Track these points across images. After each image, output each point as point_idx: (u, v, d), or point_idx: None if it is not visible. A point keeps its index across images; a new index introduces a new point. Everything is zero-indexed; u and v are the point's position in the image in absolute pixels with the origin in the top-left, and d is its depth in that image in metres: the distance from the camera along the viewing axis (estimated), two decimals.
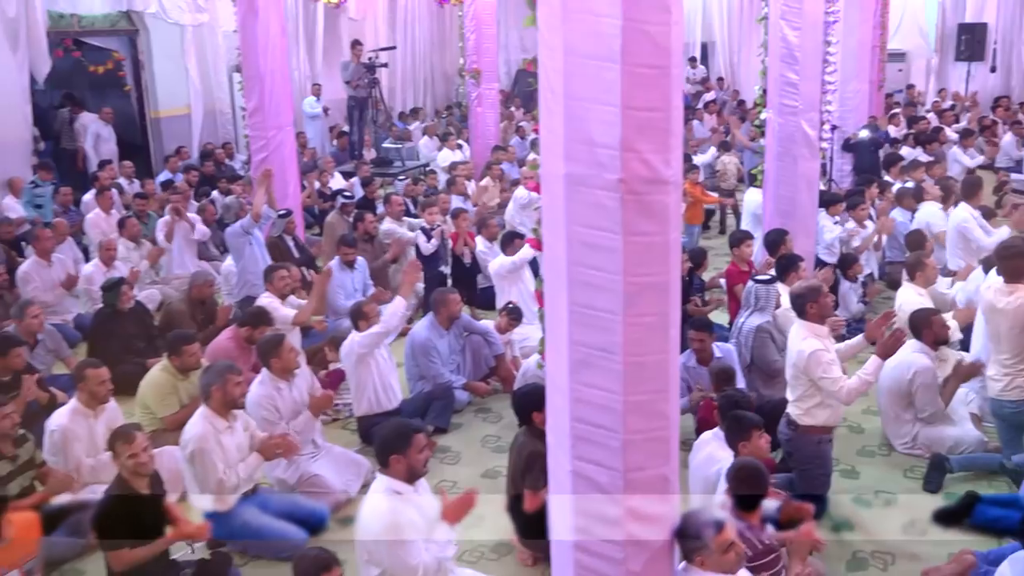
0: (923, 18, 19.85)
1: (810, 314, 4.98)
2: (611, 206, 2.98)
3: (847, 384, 4.82)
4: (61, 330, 7.41)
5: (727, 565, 3.34)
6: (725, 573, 3.35)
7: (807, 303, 4.99)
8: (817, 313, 4.98)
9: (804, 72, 7.46)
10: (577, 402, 3.20)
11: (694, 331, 5.91)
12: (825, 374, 4.82)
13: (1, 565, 3.93)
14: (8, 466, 4.85)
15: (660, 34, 2.85)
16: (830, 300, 5.17)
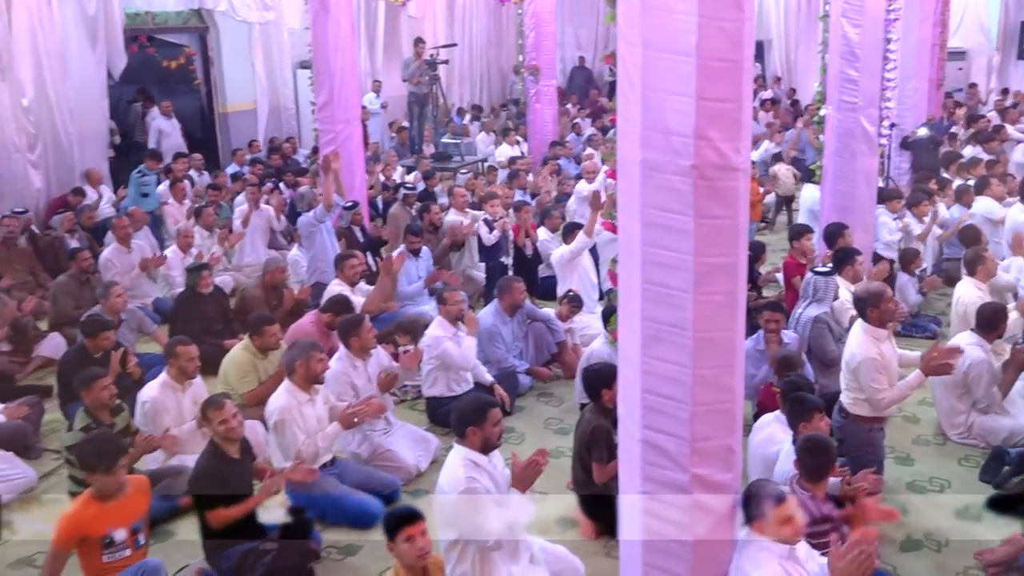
0: (985, 15, 19.60)
1: (871, 318, 5.13)
2: (684, 190, 3.19)
3: (888, 395, 4.99)
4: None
5: (784, 535, 3.53)
6: (784, 542, 3.54)
7: (868, 307, 5.14)
8: (878, 318, 5.12)
9: (864, 69, 7.57)
10: (648, 375, 3.42)
11: (769, 312, 6.05)
12: (872, 382, 4.99)
13: (114, 522, 4.26)
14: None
15: (733, 30, 3.06)
16: (892, 305, 5.28)
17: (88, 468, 4.21)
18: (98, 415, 5.20)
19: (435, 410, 6.41)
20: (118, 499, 4.25)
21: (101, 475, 4.17)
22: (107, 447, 4.28)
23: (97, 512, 4.20)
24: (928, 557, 4.75)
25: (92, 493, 4.24)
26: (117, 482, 4.22)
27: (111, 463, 4.18)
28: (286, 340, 6.54)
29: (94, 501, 4.22)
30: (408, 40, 17.21)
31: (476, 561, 4.22)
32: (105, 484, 4.19)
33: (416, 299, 8.11)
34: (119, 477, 4.23)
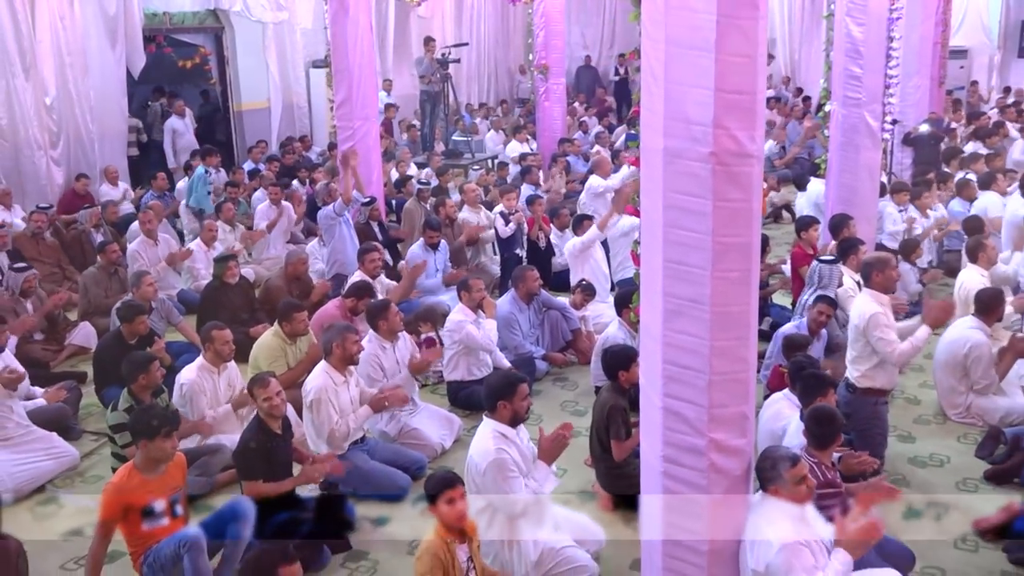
0: (986, 14, 19.85)
1: (875, 282, 5.45)
2: (703, 176, 3.48)
3: (900, 347, 5.28)
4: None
5: (799, 495, 3.81)
6: (797, 503, 3.82)
7: (874, 271, 5.46)
8: (882, 282, 5.44)
9: (868, 66, 7.85)
10: (668, 346, 3.71)
11: (822, 305, 6.24)
12: (882, 336, 5.29)
13: (155, 493, 4.53)
14: None
15: (749, 27, 3.35)
16: (896, 274, 5.60)
17: (143, 434, 4.43)
18: (141, 396, 5.47)
19: (456, 393, 6.70)
20: (159, 472, 4.51)
21: (159, 440, 4.39)
22: (163, 415, 4.56)
23: (140, 483, 4.44)
24: (928, 526, 5.04)
25: (135, 464, 4.47)
26: (168, 450, 4.46)
27: (171, 428, 4.44)
28: (312, 326, 6.84)
29: (137, 472, 4.45)
30: (417, 40, 17.51)
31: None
32: (157, 451, 4.41)
33: (435, 292, 8.38)
34: (171, 444, 4.48)
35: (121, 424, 5.32)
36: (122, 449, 5.33)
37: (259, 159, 13.30)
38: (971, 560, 4.72)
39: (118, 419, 5.36)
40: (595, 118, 17.86)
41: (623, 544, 4.89)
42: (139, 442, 4.51)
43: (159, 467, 4.51)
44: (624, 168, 9.83)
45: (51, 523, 5.37)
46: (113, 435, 5.41)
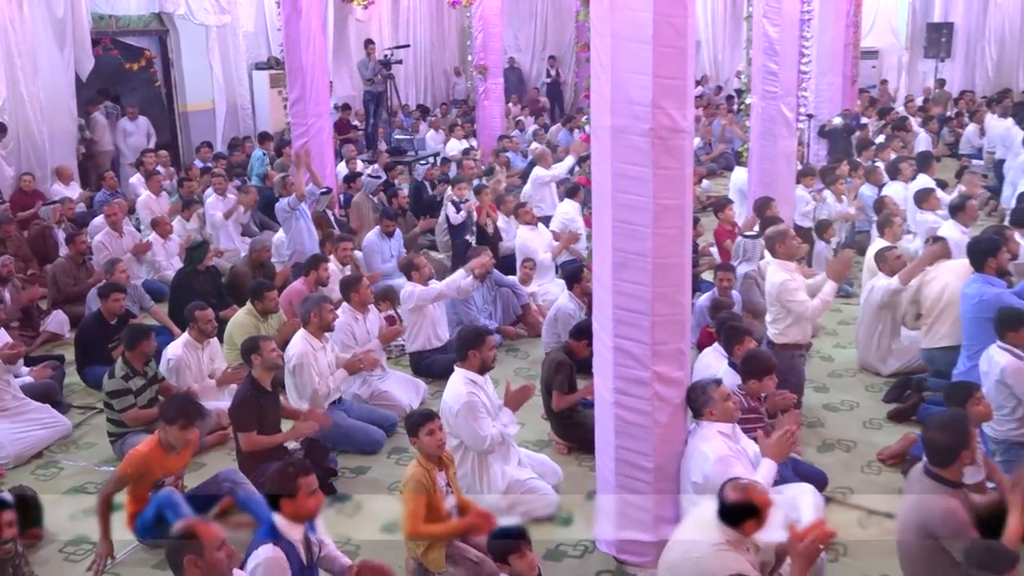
0: (895, 17, 21.14)
1: (779, 252, 6.25)
2: (644, 148, 4.16)
3: (811, 304, 6.07)
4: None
5: (728, 413, 4.50)
6: (727, 421, 4.51)
7: (776, 243, 6.28)
8: (785, 251, 6.24)
9: (783, 62, 8.69)
10: (618, 294, 4.39)
11: (722, 272, 7.06)
12: (792, 298, 6.06)
13: (170, 469, 5.03)
14: (141, 380, 6.00)
15: (680, 23, 4.05)
16: (796, 242, 6.41)
17: (168, 420, 4.88)
18: (135, 364, 5.97)
19: (419, 363, 7.30)
20: (176, 453, 4.98)
21: (178, 429, 4.84)
22: (190, 408, 4.95)
23: (160, 458, 4.91)
24: (839, 456, 5.82)
25: (161, 441, 4.90)
26: (185, 440, 4.91)
27: (187, 422, 4.86)
28: (281, 303, 7.39)
29: (160, 449, 4.90)
30: (356, 43, 18.01)
31: (475, 462, 5.17)
32: (176, 438, 4.86)
33: (390, 277, 8.95)
34: (188, 436, 4.90)
35: (118, 390, 5.83)
36: (119, 414, 5.84)
37: (207, 158, 13.69)
38: (875, 480, 5.52)
39: (116, 386, 5.87)
40: (531, 117, 18.57)
41: (578, 479, 5.57)
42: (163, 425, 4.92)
43: (177, 449, 4.95)
44: (567, 159, 10.56)
45: (53, 483, 5.83)
46: (111, 401, 5.90)
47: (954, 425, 3.98)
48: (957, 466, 3.92)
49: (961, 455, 3.90)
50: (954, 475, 3.92)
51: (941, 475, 3.91)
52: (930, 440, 3.97)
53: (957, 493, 3.91)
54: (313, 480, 3.80)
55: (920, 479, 4.01)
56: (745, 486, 3.69)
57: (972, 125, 15.58)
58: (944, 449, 3.91)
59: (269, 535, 3.72)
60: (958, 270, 6.37)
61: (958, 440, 3.90)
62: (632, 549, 4.62)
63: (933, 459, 3.96)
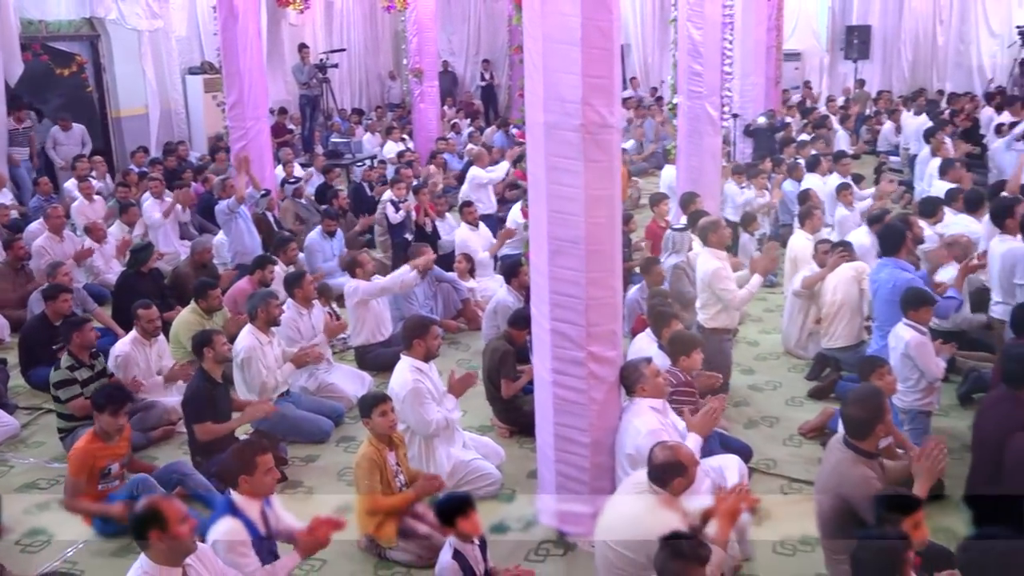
0: (816, 21, 21.91)
1: (711, 241, 6.62)
2: (575, 142, 4.47)
3: (738, 294, 6.45)
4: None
5: (658, 389, 4.82)
6: (657, 396, 4.83)
7: (709, 233, 6.64)
8: (716, 241, 6.61)
9: (707, 64, 9.10)
10: (554, 279, 4.68)
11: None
12: (723, 286, 6.44)
13: (112, 457, 5.24)
14: (88, 372, 6.14)
15: (606, 27, 4.37)
16: (727, 232, 6.80)
17: (98, 408, 5.14)
18: (80, 356, 6.12)
19: (363, 357, 7.51)
20: (114, 441, 5.22)
21: (108, 416, 5.11)
22: (116, 395, 5.25)
23: (100, 448, 5.17)
24: (763, 431, 6.21)
25: (96, 432, 5.17)
26: (117, 426, 5.19)
27: (116, 408, 5.14)
28: (226, 302, 7.54)
29: (98, 439, 5.17)
30: (290, 47, 18.09)
31: (421, 445, 5.42)
32: (109, 424, 5.14)
33: (332, 275, 9.14)
34: (120, 421, 5.20)
35: (64, 380, 6.02)
36: (65, 405, 5.99)
37: (142, 163, 13.67)
38: (797, 452, 5.91)
39: (61, 376, 6.05)
40: (466, 120, 18.84)
41: (520, 460, 5.86)
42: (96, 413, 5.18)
43: (115, 436, 5.22)
44: (503, 163, 10.88)
45: (5, 480, 5.92)
46: (57, 392, 6.04)
47: (870, 400, 4.32)
48: (872, 439, 4.26)
49: (876, 429, 4.25)
50: (870, 446, 4.27)
51: (858, 446, 4.24)
52: (848, 415, 4.31)
53: (872, 463, 4.26)
54: (270, 459, 4.03)
55: (838, 449, 4.34)
56: (672, 446, 4.02)
57: (889, 123, 16.29)
58: (861, 423, 4.23)
59: (228, 510, 3.92)
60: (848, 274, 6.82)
61: (874, 414, 4.23)
62: (572, 519, 4.91)
63: (851, 432, 4.29)
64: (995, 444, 4.59)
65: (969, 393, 6.37)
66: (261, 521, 4.02)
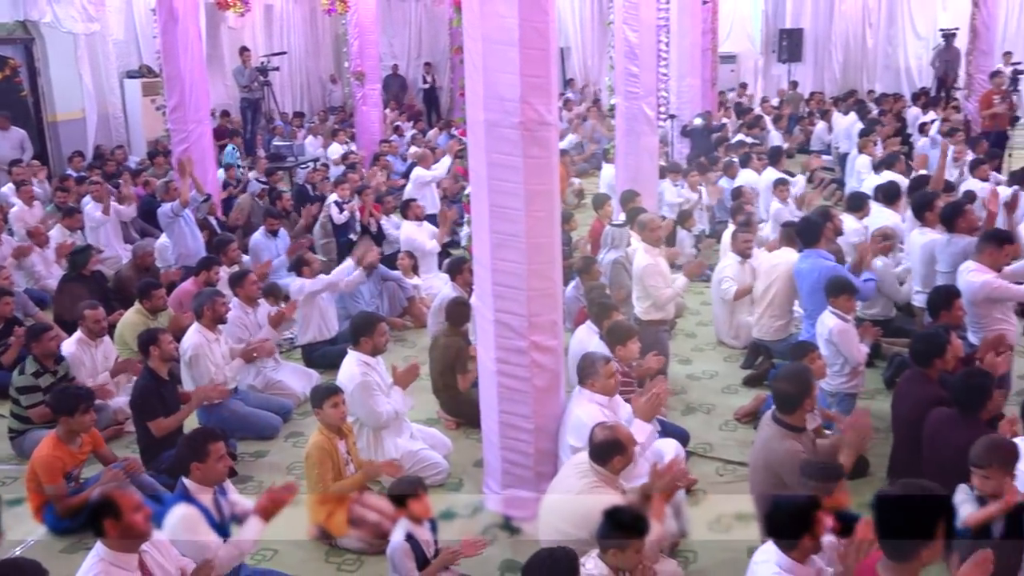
0: (750, 24, 22.45)
1: (647, 238, 6.88)
2: (515, 139, 4.64)
3: (665, 292, 6.74)
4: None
5: (608, 389, 4.98)
6: (605, 395, 5.00)
7: (645, 231, 6.89)
8: (649, 238, 6.85)
9: (643, 65, 9.37)
10: (496, 272, 4.85)
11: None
12: (652, 282, 6.71)
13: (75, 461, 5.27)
14: (51, 379, 6.18)
15: (543, 28, 4.56)
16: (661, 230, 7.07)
17: (66, 411, 5.14)
18: (45, 363, 6.15)
19: (311, 355, 7.60)
20: (77, 444, 5.24)
21: (79, 416, 5.12)
22: (78, 393, 5.26)
23: (65, 453, 5.18)
24: (700, 418, 6.45)
25: (58, 436, 5.17)
26: (87, 422, 5.21)
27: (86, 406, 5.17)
28: (171, 304, 7.57)
29: (61, 444, 5.18)
30: (230, 50, 18.03)
31: (369, 436, 5.55)
32: (78, 424, 5.15)
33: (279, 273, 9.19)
34: (88, 418, 5.21)
35: (27, 387, 6.06)
36: (25, 410, 6.02)
37: (80, 167, 13.55)
38: (731, 436, 6.16)
39: (26, 382, 6.10)
40: (409, 122, 18.94)
41: (466, 450, 6.02)
42: (61, 418, 5.18)
43: (77, 439, 5.24)
44: (445, 160, 11.03)
45: None
46: (19, 396, 6.07)
47: (798, 376, 4.59)
48: (800, 413, 4.52)
49: (804, 403, 4.50)
50: (798, 420, 4.52)
51: (787, 421, 4.50)
52: (778, 390, 4.57)
53: (800, 437, 4.52)
54: (221, 446, 4.13)
55: (768, 425, 4.60)
56: (612, 426, 4.21)
57: (821, 123, 16.80)
58: (790, 397, 4.49)
59: (181, 497, 4.03)
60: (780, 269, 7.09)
61: (801, 389, 4.50)
62: (517, 505, 5.08)
63: (780, 407, 4.55)
64: (913, 421, 4.86)
65: (893, 377, 6.67)
66: (215, 508, 4.12)
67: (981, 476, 3.84)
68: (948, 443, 4.32)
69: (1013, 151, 12.86)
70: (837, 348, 5.73)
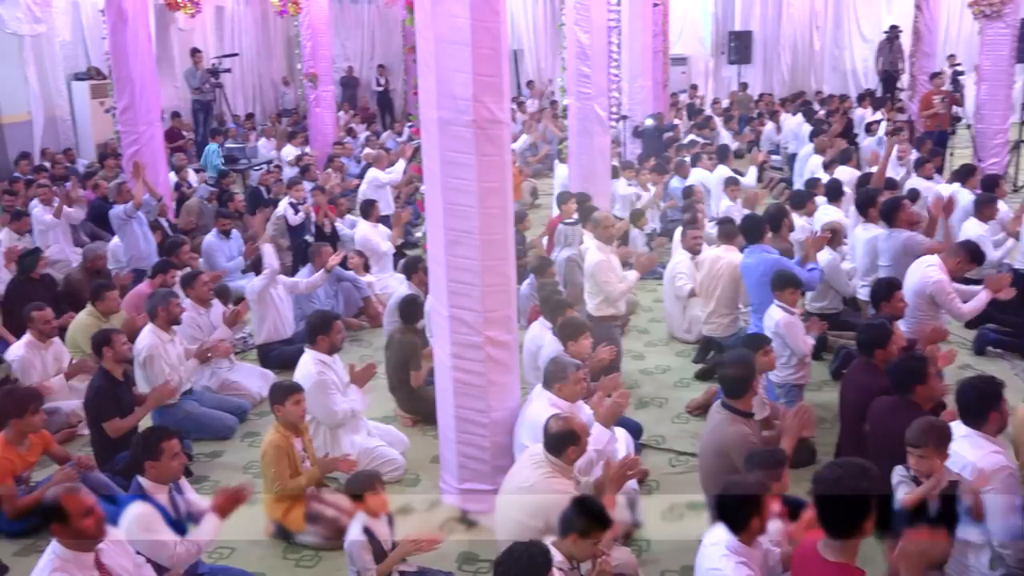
0: (701, 27, 22.75)
1: (600, 235, 6.98)
2: (468, 137, 4.71)
3: (617, 287, 6.85)
4: None
5: (571, 395, 4.98)
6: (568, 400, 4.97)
7: (600, 228, 7.01)
8: (601, 235, 6.99)
9: (594, 66, 9.48)
10: (451, 268, 4.92)
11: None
12: (604, 278, 6.82)
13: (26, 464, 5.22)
14: None
15: (494, 28, 4.63)
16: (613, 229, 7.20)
17: (14, 414, 5.07)
18: None
19: (266, 355, 7.59)
20: (26, 446, 5.19)
21: (28, 417, 5.07)
22: (26, 394, 5.22)
23: (15, 455, 5.13)
24: (654, 412, 6.57)
25: (9, 439, 5.09)
26: (37, 423, 5.16)
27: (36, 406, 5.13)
28: (125, 306, 7.51)
29: (11, 447, 5.11)
30: (180, 52, 17.84)
31: (326, 434, 5.58)
32: (28, 425, 5.10)
33: (235, 274, 9.17)
34: (38, 418, 5.16)
35: None
36: None
37: (27, 171, 13.34)
38: (684, 428, 6.28)
39: None
40: (363, 125, 18.92)
41: (423, 447, 6.06)
42: (10, 420, 5.10)
43: (26, 440, 5.18)
44: (400, 163, 11.08)
45: None
46: None
47: (742, 360, 4.73)
48: (747, 398, 4.65)
49: (751, 385, 4.64)
50: (746, 405, 4.66)
51: (735, 406, 4.63)
52: (725, 376, 4.70)
53: (748, 422, 4.65)
54: (175, 444, 4.14)
55: (717, 411, 4.73)
56: (565, 417, 4.29)
57: (770, 124, 17.08)
58: (737, 380, 4.63)
59: (137, 496, 4.03)
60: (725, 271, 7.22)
61: (747, 372, 4.65)
62: (474, 498, 5.14)
63: (728, 392, 4.68)
64: (858, 409, 5.01)
65: (840, 369, 6.85)
66: (171, 506, 4.13)
67: (917, 456, 3.99)
68: (891, 429, 4.46)
69: (955, 151, 13.18)
70: (784, 340, 5.87)
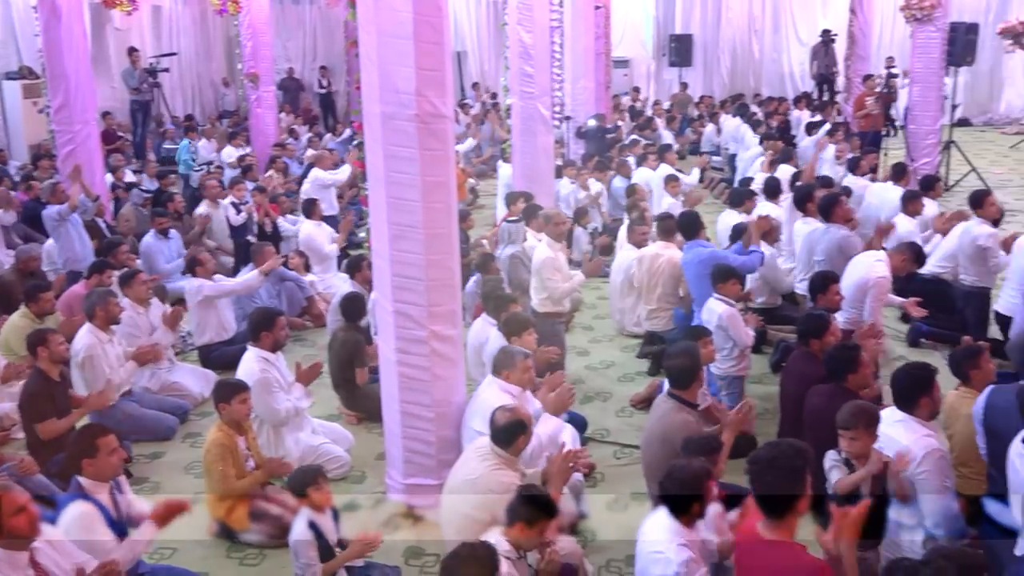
0: (642, 30, 23.03)
1: (550, 232, 7.06)
2: (411, 132, 4.72)
3: (560, 286, 6.94)
4: None
5: (521, 382, 5.04)
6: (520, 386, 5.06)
7: (549, 224, 7.12)
8: (552, 232, 7.03)
9: (537, 66, 9.54)
10: (395, 263, 4.91)
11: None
12: (550, 276, 6.87)
13: None
14: None
15: (437, 23, 4.65)
16: (563, 227, 7.25)
17: None
18: None
19: (207, 356, 7.48)
20: None
21: None
22: None
23: None
24: (599, 406, 6.63)
25: None
26: None
27: None
28: (60, 305, 7.36)
29: None
30: (116, 52, 17.51)
31: (270, 433, 5.54)
32: None
33: (175, 275, 9.02)
34: None
35: None
36: None
37: None
38: (628, 421, 6.36)
39: None
40: (305, 126, 18.75)
41: (368, 444, 6.04)
42: None
43: None
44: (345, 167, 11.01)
45: None
46: None
47: (687, 351, 4.82)
48: (694, 387, 4.74)
49: (697, 375, 4.73)
50: (692, 396, 4.74)
51: (681, 396, 4.71)
52: (671, 367, 4.78)
53: (693, 411, 4.72)
54: (112, 440, 4.07)
55: (663, 402, 4.80)
56: (512, 408, 4.32)
57: (711, 125, 17.34)
58: (682, 370, 4.71)
59: (77, 496, 3.95)
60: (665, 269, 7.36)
61: (692, 362, 4.74)
62: (420, 492, 5.14)
63: (674, 382, 4.76)
64: (797, 397, 5.12)
65: (780, 361, 6.97)
66: (112, 505, 4.06)
67: (848, 438, 4.11)
68: (826, 415, 4.57)
69: (888, 151, 13.52)
70: (726, 332, 5.97)
